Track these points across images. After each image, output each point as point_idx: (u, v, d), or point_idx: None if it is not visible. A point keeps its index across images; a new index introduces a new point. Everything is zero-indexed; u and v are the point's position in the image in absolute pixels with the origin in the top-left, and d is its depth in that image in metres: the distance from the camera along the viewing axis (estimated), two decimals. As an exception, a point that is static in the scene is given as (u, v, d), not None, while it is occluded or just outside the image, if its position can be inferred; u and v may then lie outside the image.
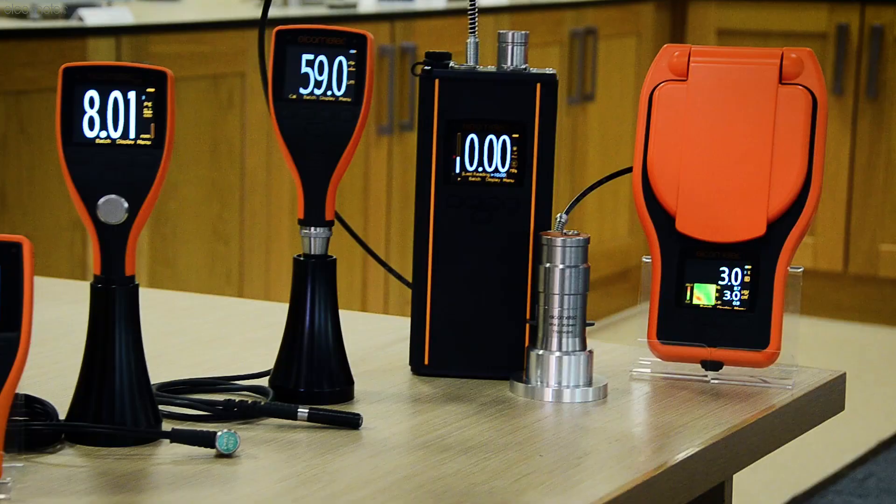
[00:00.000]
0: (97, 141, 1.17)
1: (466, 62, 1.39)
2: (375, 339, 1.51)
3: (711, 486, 1.26)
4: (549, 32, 4.67)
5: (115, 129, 1.17)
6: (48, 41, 3.24)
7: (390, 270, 1.54)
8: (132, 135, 1.17)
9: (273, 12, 4.06)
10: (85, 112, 1.16)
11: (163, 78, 1.17)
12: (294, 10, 4.14)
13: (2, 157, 3.13)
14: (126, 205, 1.16)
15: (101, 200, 1.16)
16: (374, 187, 4.12)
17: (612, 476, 1.15)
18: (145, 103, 1.17)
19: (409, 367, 1.40)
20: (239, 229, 3.67)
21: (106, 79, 1.17)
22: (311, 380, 1.30)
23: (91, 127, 1.17)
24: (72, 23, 3.35)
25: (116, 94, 1.17)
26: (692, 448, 1.21)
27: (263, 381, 1.33)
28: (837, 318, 4.92)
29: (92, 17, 3.37)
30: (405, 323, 1.55)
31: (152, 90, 1.17)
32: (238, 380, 1.34)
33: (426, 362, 1.39)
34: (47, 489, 1.08)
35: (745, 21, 5.22)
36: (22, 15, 3.35)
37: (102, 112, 1.16)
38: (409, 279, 1.41)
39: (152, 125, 1.17)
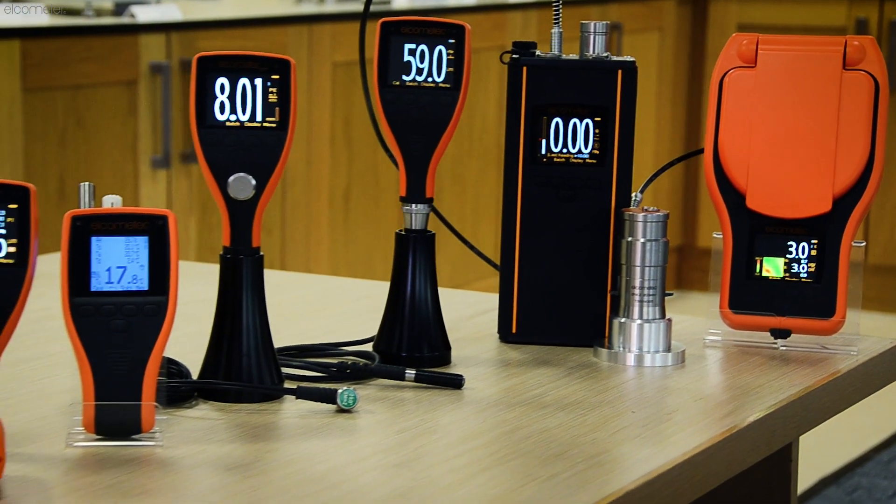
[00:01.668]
0: (227, 124, 1.27)
1: (551, 51, 1.50)
2: (459, 311, 1.61)
3: (787, 442, 1.37)
4: (576, 28, 4.76)
5: (244, 112, 1.27)
6: (102, 37, 3.34)
7: (478, 253, 1.64)
8: (259, 118, 1.27)
9: (309, 9, 4.16)
10: (216, 97, 1.27)
11: (286, 66, 1.27)
12: (330, 7, 4.24)
13: (60, 150, 3.24)
14: (254, 182, 1.27)
15: (231, 178, 1.27)
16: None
17: (701, 430, 1.25)
18: (270, 89, 1.27)
19: (497, 336, 1.51)
20: (280, 220, 3.77)
21: (235, 67, 1.27)
22: (412, 344, 1.41)
23: (222, 111, 1.27)
24: (124, 19, 3.45)
25: (244, 80, 1.27)
26: (770, 406, 1.31)
27: (367, 347, 1.44)
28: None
29: (143, 14, 3.48)
30: (483, 297, 1.66)
31: (277, 77, 1.27)
32: (344, 346, 1.44)
33: (514, 331, 1.50)
34: (192, 438, 1.18)
35: (766, 16, 5.31)
36: (76, 12, 3.46)
37: (232, 97, 1.27)
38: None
39: (277, 109, 1.27)
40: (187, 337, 1.37)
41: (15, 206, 1.11)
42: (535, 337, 1.50)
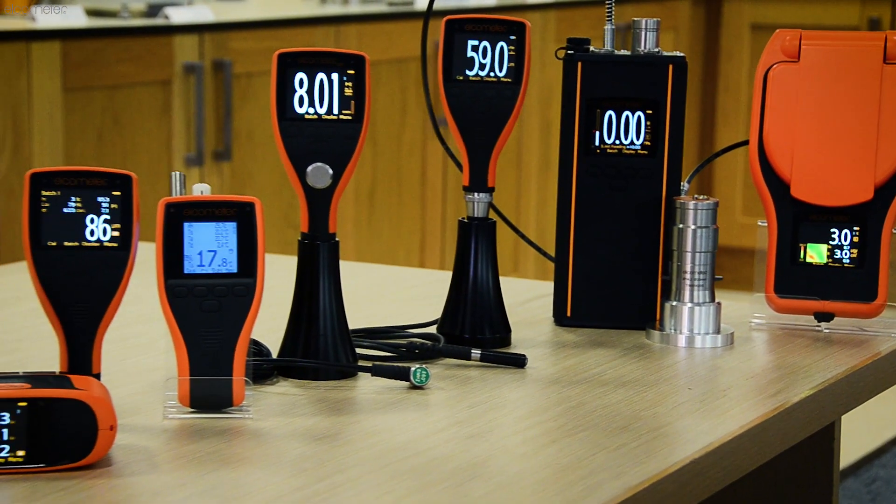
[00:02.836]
0: (306, 116, 1.34)
1: (604, 46, 1.57)
2: (512, 297, 1.68)
3: (834, 419, 1.44)
4: (593, 28, 4.84)
5: (322, 105, 1.34)
6: (138, 38, 3.42)
7: (533, 245, 1.71)
8: (336, 110, 1.34)
9: (333, 10, 4.24)
10: (296, 91, 1.34)
11: (361, 61, 1.34)
12: (354, 8, 4.31)
13: (98, 149, 3.31)
14: (331, 171, 1.34)
15: (310, 168, 1.34)
16: (430, 176, 4.29)
17: (755, 405, 1.33)
18: (346, 83, 1.34)
19: (551, 320, 1.58)
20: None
21: (313, 63, 1.34)
22: (474, 327, 1.48)
23: (301, 104, 1.34)
24: (158, 21, 3.53)
25: (322, 75, 1.34)
26: (819, 384, 1.38)
27: (431, 329, 1.51)
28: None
29: (177, 16, 3.55)
30: (534, 284, 1.74)
31: (352, 72, 1.34)
32: (410, 328, 1.51)
33: (568, 314, 1.57)
34: (279, 412, 1.26)
35: (779, 15, 5.38)
36: (112, 14, 3.53)
37: (310, 91, 1.34)
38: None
39: (352, 102, 1.34)
40: (260, 320, 1.44)
41: (118, 193, 1.18)
42: (589, 320, 1.57)
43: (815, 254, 1.56)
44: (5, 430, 1.07)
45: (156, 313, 1.32)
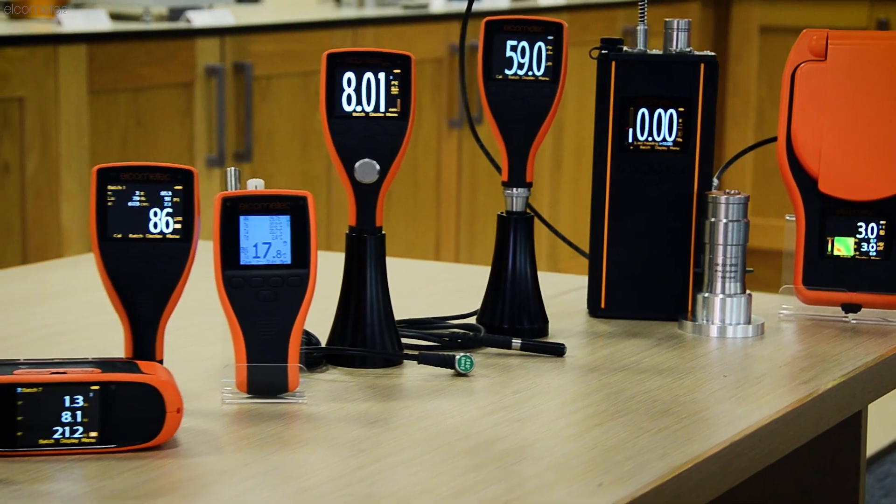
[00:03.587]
0: (354, 114, 1.39)
1: (636, 46, 1.62)
2: (546, 290, 1.72)
3: (864, 406, 1.49)
4: (604, 30, 4.90)
5: (369, 103, 1.39)
6: (161, 41, 3.47)
7: (564, 239, 1.76)
8: (382, 108, 1.39)
9: (349, 13, 4.29)
10: (344, 90, 1.39)
11: (407, 61, 1.39)
12: (370, 11, 4.36)
13: (123, 149, 3.36)
14: (378, 167, 1.39)
15: (358, 163, 1.39)
16: (445, 177, 4.34)
17: (789, 392, 1.37)
18: (392, 82, 1.39)
19: (586, 311, 1.63)
20: (326, 218, 3.90)
21: (360, 62, 1.39)
22: (513, 317, 1.53)
23: (349, 102, 1.39)
24: (180, 24, 3.58)
25: (369, 74, 1.39)
26: (849, 372, 1.43)
27: (471, 320, 1.56)
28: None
29: (198, 19, 3.60)
30: (567, 278, 1.78)
31: (398, 71, 1.39)
32: (450, 319, 1.56)
33: (602, 306, 1.62)
34: (331, 397, 1.30)
35: (787, 18, 5.43)
36: (135, 18, 3.58)
37: (358, 90, 1.39)
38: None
39: (398, 100, 1.39)
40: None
41: (180, 187, 1.23)
42: (622, 312, 1.61)
43: (843, 247, 1.61)
44: (79, 413, 1.12)
45: (205, 305, 1.38)
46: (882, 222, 1.59)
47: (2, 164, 3.10)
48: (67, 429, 1.12)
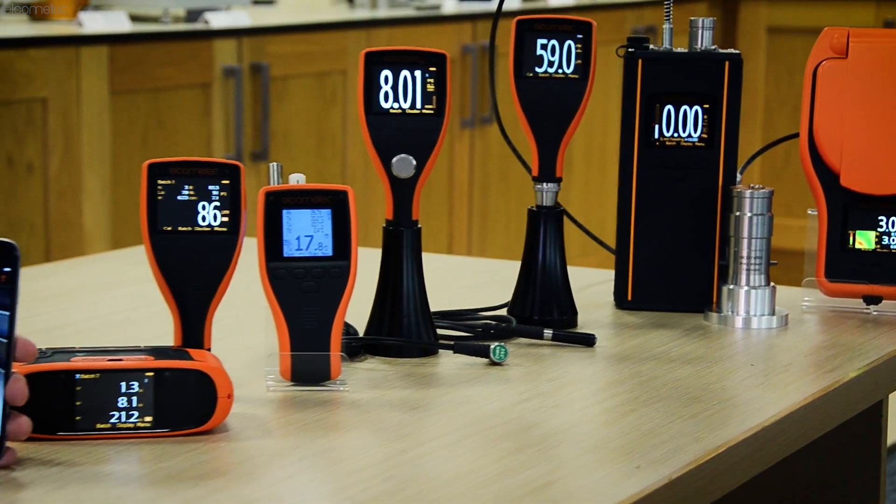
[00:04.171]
0: (391, 111, 1.43)
1: (662, 45, 1.66)
2: (572, 283, 1.76)
3: (888, 394, 1.52)
4: (613, 30, 4.94)
5: (405, 100, 1.43)
6: (180, 42, 3.51)
7: (596, 240, 1.80)
8: (418, 105, 1.43)
9: (363, 14, 4.33)
10: (381, 87, 1.43)
11: (442, 59, 1.43)
12: (383, 12, 4.41)
13: (143, 148, 3.40)
14: (414, 162, 1.43)
15: (395, 159, 1.43)
16: (457, 176, 4.38)
17: (816, 379, 1.41)
18: (428, 80, 1.43)
19: (612, 304, 1.67)
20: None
21: (397, 60, 1.43)
22: (543, 308, 1.57)
23: (386, 99, 1.43)
24: (198, 26, 3.62)
25: (405, 72, 1.43)
26: (873, 361, 1.47)
27: (502, 312, 1.59)
28: None
29: (216, 21, 3.64)
30: (593, 272, 1.82)
31: (434, 69, 1.43)
32: (482, 311, 1.60)
33: (629, 298, 1.66)
34: (372, 384, 1.34)
35: (795, 18, 5.47)
36: (154, 19, 3.62)
37: (395, 87, 1.43)
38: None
39: (434, 97, 1.43)
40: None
41: (227, 181, 1.27)
42: (649, 304, 1.65)
43: (864, 240, 1.65)
44: (134, 398, 1.16)
45: (244, 296, 1.42)
46: (903, 216, 1.63)
47: (26, 163, 3.15)
48: (123, 413, 1.16)
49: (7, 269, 1.09)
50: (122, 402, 1.16)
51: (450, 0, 4.60)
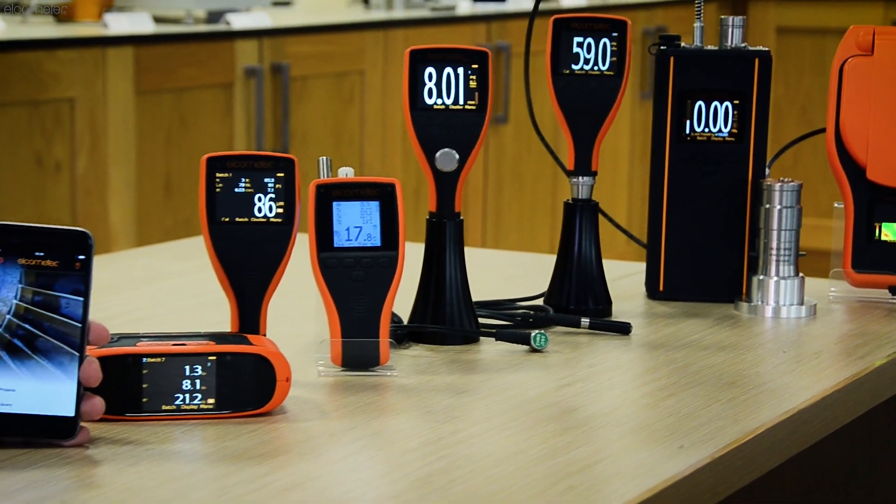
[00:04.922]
0: (435, 106, 1.48)
1: (693, 42, 1.70)
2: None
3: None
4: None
5: (449, 97, 1.48)
6: (203, 43, 3.56)
7: (625, 232, 1.84)
8: (461, 101, 1.48)
9: (378, 15, 4.38)
10: (425, 84, 1.48)
11: (484, 57, 1.48)
12: (398, 13, 4.45)
13: (166, 148, 3.45)
14: (457, 156, 1.48)
15: (439, 153, 1.48)
16: (472, 174, 4.42)
17: (846, 366, 1.46)
18: (471, 77, 1.48)
19: (644, 294, 1.72)
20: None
21: (441, 58, 1.48)
22: (579, 298, 1.62)
23: (430, 96, 1.48)
24: (220, 27, 3.67)
25: (449, 70, 1.48)
26: (902, 346, 1.52)
27: (539, 301, 1.64)
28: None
29: (237, 22, 3.69)
30: (623, 264, 1.87)
31: (476, 66, 1.48)
32: (520, 301, 1.65)
33: (660, 289, 1.70)
34: (419, 371, 1.39)
35: (803, 19, 5.51)
36: (177, 21, 3.67)
37: (438, 84, 1.48)
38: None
39: (476, 94, 1.48)
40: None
41: (282, 174, 1.31)
42: (680, 294, 1.70)
43: (890, 232, 1.69)
44: (198, 381, 1.21)
45: (292, 286, 1.46)
46: (927, 208, 1.68)
47: (54, 163, 3.20)
48: (188, 395, 1.21)
49: (81, 257, 1.14)
50: (186, 384, 1.21)
51: (464, 1, 4.65)
